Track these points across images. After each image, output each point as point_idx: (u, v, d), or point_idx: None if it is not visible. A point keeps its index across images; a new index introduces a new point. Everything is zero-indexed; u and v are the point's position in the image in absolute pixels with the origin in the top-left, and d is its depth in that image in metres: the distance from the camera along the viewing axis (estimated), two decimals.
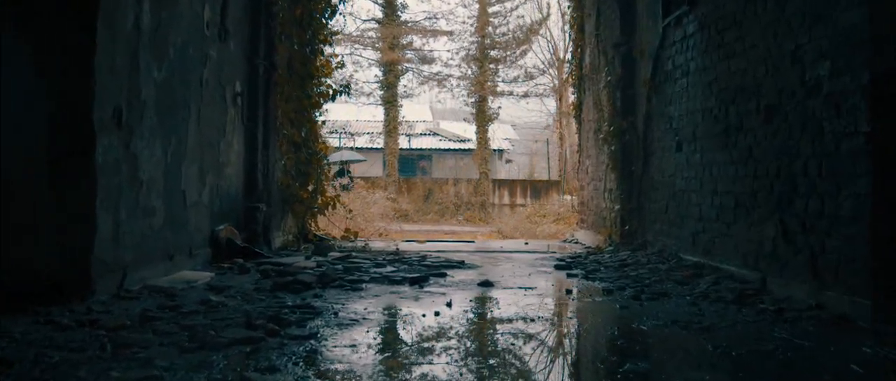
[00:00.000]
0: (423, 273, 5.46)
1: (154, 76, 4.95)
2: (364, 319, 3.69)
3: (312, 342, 3.10)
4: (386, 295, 4.53)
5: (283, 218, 8.40)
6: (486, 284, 5.04)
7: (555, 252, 7.79)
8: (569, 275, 5.66)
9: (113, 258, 4.30)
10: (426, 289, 4.81)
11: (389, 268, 5.78)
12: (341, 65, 9.95)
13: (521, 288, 4.93)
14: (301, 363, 2.73)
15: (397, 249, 7.82)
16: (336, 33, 9.74)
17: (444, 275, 5.50)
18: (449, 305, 4.16)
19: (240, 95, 7.17)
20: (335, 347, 3.04)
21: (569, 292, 4.76)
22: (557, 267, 6.18)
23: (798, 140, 4.23)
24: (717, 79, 5.43)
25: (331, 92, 9.34)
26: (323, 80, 9.37)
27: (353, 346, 3.06)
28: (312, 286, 4.75)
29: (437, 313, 3.86)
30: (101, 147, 4.09)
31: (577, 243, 9.18)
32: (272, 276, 5.17)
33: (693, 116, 5.93)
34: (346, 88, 9.59)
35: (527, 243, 9.18)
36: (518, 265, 6.42)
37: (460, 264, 6.25)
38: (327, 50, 9.34)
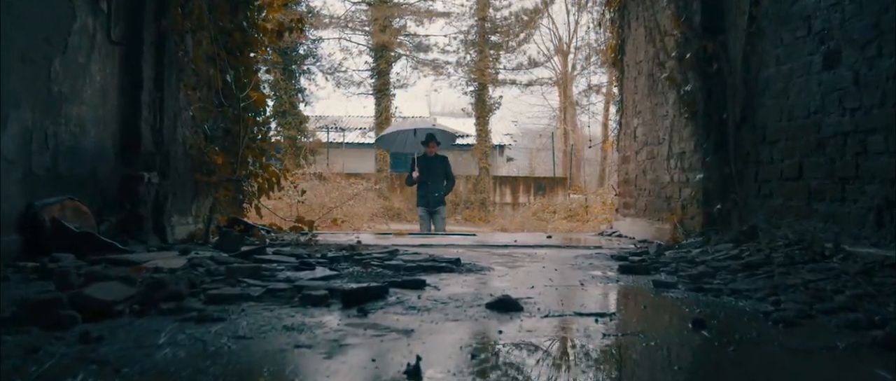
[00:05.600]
0: (379, 282, 2.79)
1: None
2: None
3: None
4: (264, 339, 1.85)
5: (195, 197, 5.72)
6: (504, 306, 2.35)
7: (599, 247, 5.10)
8: (658, 285, 2.97)
9: None
10: (372, 319, 2.14)
11: (319, 272, 3.10)
12: None
13: (580, 315, 2.26)
14: None
15: (358, 241, 5.12)
16: None
17: (419, 286, 2.83)
18: (413, 375, 1.49)
19: None
20: None
21: (698, 324, 2.06)
22: (625, 270, 3.49)
23: None
24: None
25: (277, 29, 6.69)
26: (266, 13, 6.77)
27: None
28: (112, 312, 2.07)
29: None
30: None
31: (620, 236, 6.48)
32: (74, 286, 2.49)
33: None
34: (299, 24, 6.91)
35: (550, 237, 6.49)
36: (552, 267, 3.75)
37: (453, 266, 3.58)
38: None
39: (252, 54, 6.60)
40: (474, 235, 6.76)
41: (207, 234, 5.12)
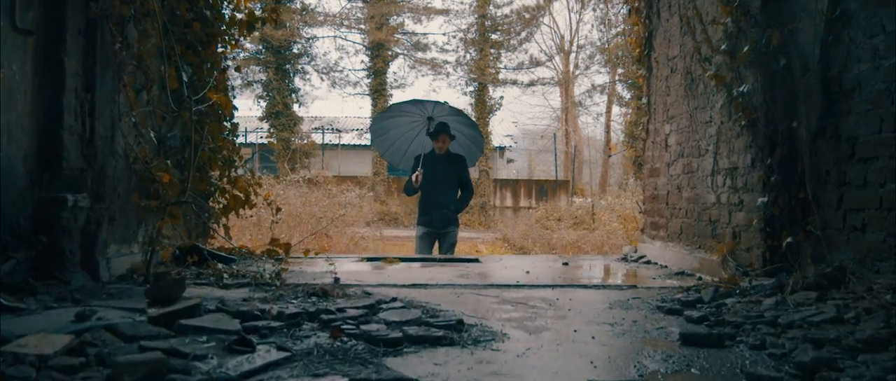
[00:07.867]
0: (344, 372, 1.83)
1: None
2: None
3: None
4: None
5: (143, 222, 4.77)
6: None
7: (634, 286, 4.13)
8: None
9: None
10: None
11: (260, 356, 2.12)
12: None
13: None
14: None
15: (335, 279, 4.15)
16: None
17: None
18: None
19: None
20: None
21: None
22: (688, 340, 2.53)
23: None
24: None
25: (248, 19, 5.74)
26: (236, 2, 5.85)
27: None
28: None
29: None
30: None
31: (649, 263, 5.52)
32: None
33: None
34: (274, 14, 5.92)
35: (566, 264, 5.53)
36: (585, 329, 2.78)
37: (453, 334, 2.60)
38: None
39: (220, 49, 5.68)
40: (478, 260, 5.80)
41: (148, 270, 4.15)
